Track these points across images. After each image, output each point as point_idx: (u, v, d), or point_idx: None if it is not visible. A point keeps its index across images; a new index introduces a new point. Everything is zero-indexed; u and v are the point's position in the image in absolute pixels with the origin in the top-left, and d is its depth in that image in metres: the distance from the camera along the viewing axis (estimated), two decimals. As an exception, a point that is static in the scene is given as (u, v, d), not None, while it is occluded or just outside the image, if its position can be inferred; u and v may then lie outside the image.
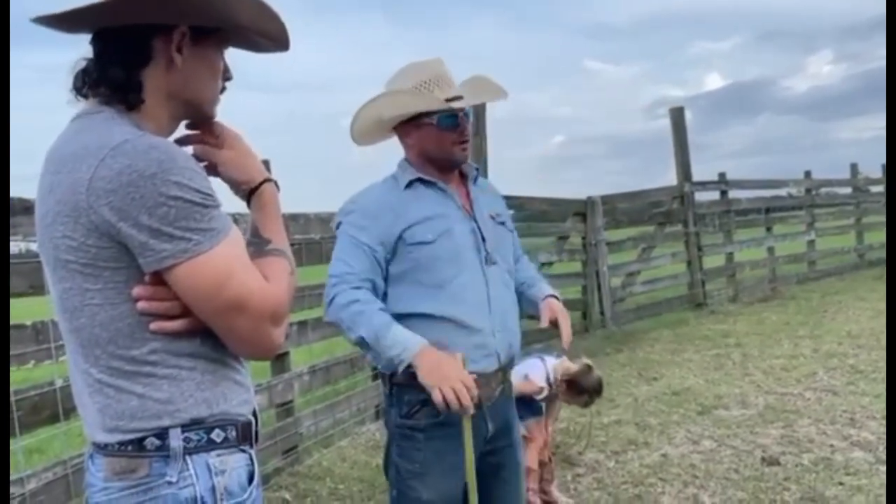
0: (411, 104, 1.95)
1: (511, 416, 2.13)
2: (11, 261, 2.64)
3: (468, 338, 1.93)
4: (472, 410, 1.78)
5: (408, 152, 2.04)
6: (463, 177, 2.08)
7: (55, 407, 2.75)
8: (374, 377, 1.61)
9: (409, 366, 1.79)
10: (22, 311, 2.68)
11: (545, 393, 3.29)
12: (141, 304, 1.12)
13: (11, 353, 2.61)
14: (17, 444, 2.61)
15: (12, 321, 2.64)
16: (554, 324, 2.06)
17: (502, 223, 2.12)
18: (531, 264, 2.29)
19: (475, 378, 1.82)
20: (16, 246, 2.81)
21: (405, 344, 1.79)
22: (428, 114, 1.94)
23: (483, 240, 2.00)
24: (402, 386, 1.90)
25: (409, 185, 1.99)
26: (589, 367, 3.41)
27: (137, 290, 1.11)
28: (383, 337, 1.81)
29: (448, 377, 1.75)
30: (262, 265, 1.21)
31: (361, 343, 1.85)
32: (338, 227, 2.00)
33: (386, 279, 1.95)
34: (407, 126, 1.99)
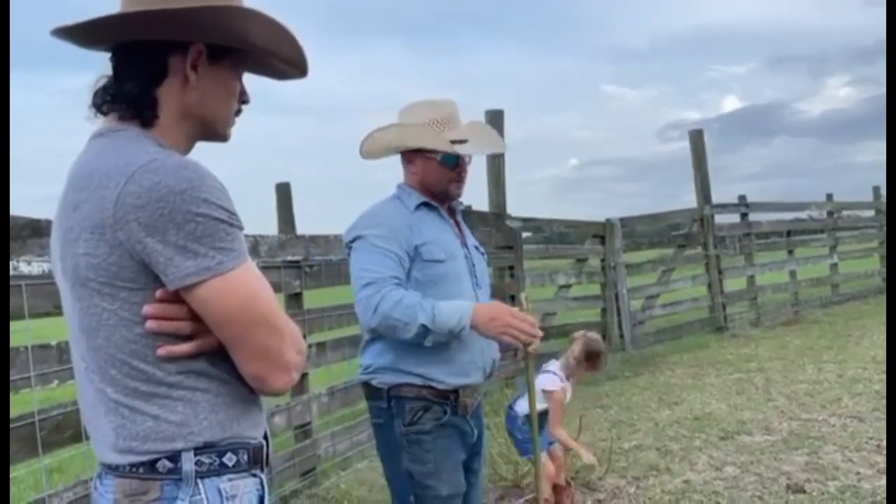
0: (422, 140, 2.14)
1: (483, 423, 2.31)
2: (36, 281, 2.67)
3: (465, 353, 2.09)
4: (537, 344, 2.07)
5: (408, 177, 2.22)
6: (451, 209, 2.27)
7: (78, 426, 2.77)
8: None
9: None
10: (47, 331, 2.71)
11: (569, 392, 3.43)
12: (150, 324, 1.10)
13: (35, 372, 2.63)
14: (39, 464, 2.62)
15: (38, 341, 2.66)
16: None
17: (483, 253, 2.33)
18: None
19: (468, 389, 2.11)
20: (39, 267, 2.83)
21: (459, 312, 1.97)
22: (434, 150, 2.13)
23: (474, 265, 2.21)
24: (401, 397, 2.08)
25: (418, 207, 2.16)
26: (583, 334, 3.52)
27: (147, 309, 1.10)
28: (438, 315, 1.95)
29: (506, 323, 1.98)
30: None
31: (422, 332, 1.96)
32: (353, 242, 2.11)
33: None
34: (412, 154, 2.18)
